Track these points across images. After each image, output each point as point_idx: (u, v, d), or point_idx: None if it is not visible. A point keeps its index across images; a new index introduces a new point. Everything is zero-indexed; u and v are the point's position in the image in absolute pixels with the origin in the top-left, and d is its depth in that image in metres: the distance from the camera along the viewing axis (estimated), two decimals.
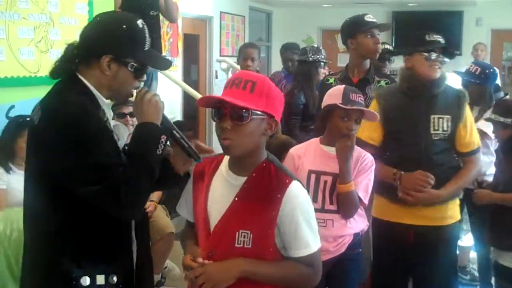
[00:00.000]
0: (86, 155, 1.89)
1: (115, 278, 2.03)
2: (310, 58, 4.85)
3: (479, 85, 4.33)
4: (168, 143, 2.06)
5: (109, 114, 2.13)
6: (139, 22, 2.12)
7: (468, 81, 4.41)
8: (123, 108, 4.11)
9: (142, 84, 2.10)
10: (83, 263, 1.98)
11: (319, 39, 11.52)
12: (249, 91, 1.93)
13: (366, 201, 2.91)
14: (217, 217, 2.03)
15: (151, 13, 5.06)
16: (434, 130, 3.14)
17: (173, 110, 7.53)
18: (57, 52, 4.38)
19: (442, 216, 3.19)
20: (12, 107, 4.03)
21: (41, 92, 4.18)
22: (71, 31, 4.51)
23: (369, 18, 3.76)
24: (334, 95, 2.90)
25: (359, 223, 2.97)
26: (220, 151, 2.04)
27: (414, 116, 3.14)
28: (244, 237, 1.98)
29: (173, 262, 4.67)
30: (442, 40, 3.18)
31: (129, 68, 2.05)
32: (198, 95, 5.74)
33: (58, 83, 2.07)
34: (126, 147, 2.12)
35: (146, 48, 2.11)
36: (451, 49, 3.17)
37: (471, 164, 3.23)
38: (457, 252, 4.10)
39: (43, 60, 4.29)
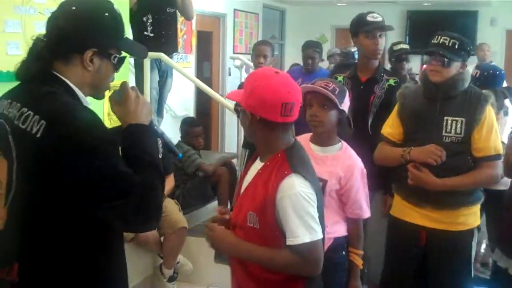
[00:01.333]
0: (114, 166, 1.69)
1: None
2: (355, 61, 4.77)
3: (480, 86, 4.34)
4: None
5: None
6: (116, 6, 1.89)
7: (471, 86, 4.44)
8: None
9: (157, 81, 2.02)
10: (92, 285, 1.82)
11: (333, 37, 11.52)
12: (239, 87, 2.13)
13: (368, 213, 2.89)
14: None
15: (168, 10, 5.07)
16: (446, 132, 3.09)
17: (186, 106, 7.56)
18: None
19: (453, 221, 3.12)
20: None
21: None
22: None
23: (371, 17, 3.66)
24: None
25: (338, 228, 2.86)
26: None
27: (428, 117, 3.12)
28: (252, 217, 2.13)
29: (186, 257, 4.69)
30: (447, 41, 3.11)
31: (112, 60, 1.86)
32: (216, 95, 5.74)
33: (36, 85, 1.79)
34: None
35: (124, 36, 1.93)
36: (450, 50, 3.08)
37: (482, 169, 3.09)
38: (482, 250, 4.07)
39: None
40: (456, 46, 3.10)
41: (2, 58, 3.88)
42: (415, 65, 10.11)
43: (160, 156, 1.86)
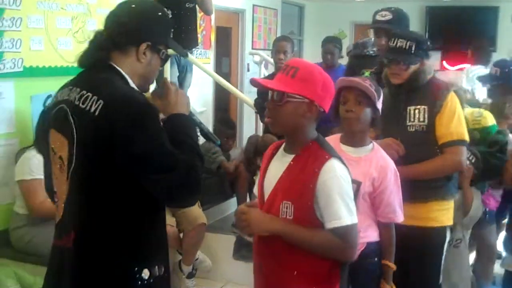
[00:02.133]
0: (164, 143, 1.89)
1: (163, 269, 2.02)
2: (372, 53, 4.74)
3: (503, 84, 4.32)
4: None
5: None
6: (166, 9, 2.17)
7: (494, 85, 4.41)
8: None
9: (177, 76, 2.19)
10: (140, 256, 1.97)
11: (352, 33, 11.45)
12: (291, 76, 2.17)
13: (402, 217, 2.78)
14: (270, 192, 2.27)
15: (187, 5, 5.07)
16: (410, 121, 3.08)
17: (205, 102, 7.56)
18: None
19: (424, 217, 3.04)
20: (50, 96, 4.08)
21: None
22: None
23: (379, 16, 3.66)
24: None
25: (370, 233, 2.78)
26: None
27: (393, 110, 3.08)
28: (286, 208, 2.17)
29: (204, 253, 4.70)
30: (403, 44, 3.08)
31: (161, 56, 2.08)
32: (236, 91, 5.75)
33: (94, 73, 1.99)
34: None
35: (171, 36, 2.16)
36: (408, 54, 3.07)
37: (445, 154, 3.05)
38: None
39: (80, 50, 4.31)
40: (413, 49, 3.09)
41: (25, 54, 3.92)
42: (434, 61, 10.07)
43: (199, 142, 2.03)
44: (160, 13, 2.10)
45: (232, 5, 8.45)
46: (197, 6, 5.25)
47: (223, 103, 8.42)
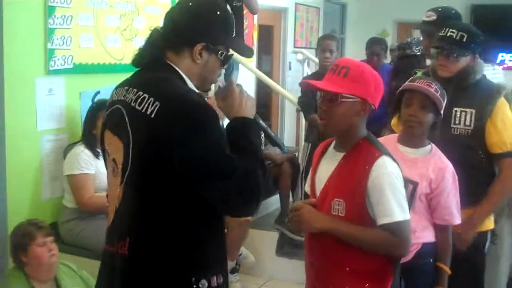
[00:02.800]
0: (221, 147, 1.80)
1: (221, 278, 1.95)
2: (416, 52, 4.69)
3: None
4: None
5: None
6: (228, 7, 2.04)
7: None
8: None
9: (223, 73, 2.13)
10: (198, 265, 1.89)
11: (394, 32, 11.32)
12: (343, 76, 2.17)
13: (459, 219, 2.73)
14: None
15: (235, 4, 5.10)
16: (455, 124, 2.98)
17: None
18: (142, 40, 4.45)
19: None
20: (98, 92, 4.17)
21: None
22: (155, 20, 4.60)
23: (424, 16, 3.56)
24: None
25: (426, 233, 2.74)
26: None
27: None
28: (338, 205, 2.19)
29: (248, 250, 4.72)
30: (454, 34, 2.98)
31: (219, 56, 1.97)
32: (280, 89, 5.77)
33: (151, 72, 1.94)
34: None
35: (233, 35, 2.04)
36: (458, 44, 2.95)
37: (503, 171, 2.97)
38: None
39: (127, 48, 4.40)
40: (464, 40, 2.98)
41: (75, 51, 4.00)
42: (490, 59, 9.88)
43: (262, 148, 1.94)
44: (218, 12, 1.98)
45: (275, 3, 8.45)
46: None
47: (265, 100, 8.44)
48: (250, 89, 7.72)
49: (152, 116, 1.79)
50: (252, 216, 1.84)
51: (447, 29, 3.03)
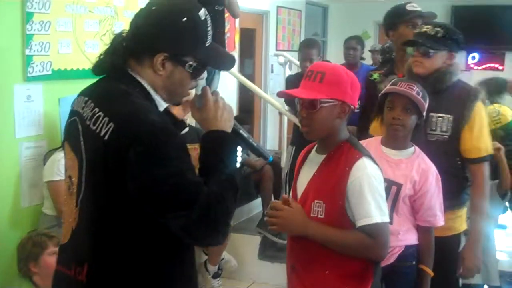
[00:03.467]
0: (182, 174, 1.63)
1: None
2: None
3: None
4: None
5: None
6: (202, 12, 1.78)
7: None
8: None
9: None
10: None
11: (376, 34, 11.38)
12: (319, 82, 2.17)
13: (442, 221, 2.75)
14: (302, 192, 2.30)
15: (216, 8, 5.08)
16: (431, 130, 2.94)
17: (229, 103, 7.56)
18: None
19: (439, 228, 2.83)
20: None
21: None
22: None
23: (411, 6, 3.55)
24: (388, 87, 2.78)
25: (409, 236, 2.76)
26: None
27: None
28: (318, 207, 2.20)
29: (230, 254, 4.72)
30: (429, 30, 2.95)
31: (187, 69, 1.77)
32: (262, 93, 5.79)
33: (111, 83, 1.77)
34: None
35: (207, 44, 1.81)
36: (433, 39, 2.93)
37: (476, 178, 2.98)
38: None
39: None
40: (440, 35, 2.96)
41: (54, 57, 3.97)
42: (460, 61, 9.97)
43: (238, 165, 1.77)
44: (185, 19, 1.73)
45: (257, 7, 8.45)
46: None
47: (247, 104, 8.44)
48: (232, 93, 7.71)
49: (106, 138, 1.63)
50: (220, 244, 1.60)
51: (423, 25, 3.04)
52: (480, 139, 2.96)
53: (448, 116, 2.94)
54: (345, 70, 2.25)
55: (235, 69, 7.70)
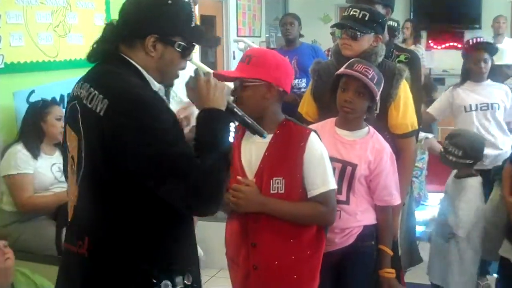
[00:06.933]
0: (176, 145, 1.72)
1: (190, 278, 1.90)
2: None
3: None
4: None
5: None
6: None
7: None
8: None
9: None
10: (161, 265, 1.83)
11: (337, 17, 11.39)
12: (246, 63, 2.35)
13: (399, 199, 2.80)
14: (253, 172, 2.41)
15: None
16: None
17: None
18: (76, 36, 4.40)
19: None
20: (33, 92, 4.05)
21: (60, 76, 4.25)
22: (88, 15, 4.52)
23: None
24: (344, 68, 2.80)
25: (367, 215, 2.78)
26: None
27: None
28: (277, 183, 2.36)
29: (197, 243, 4.70)
30: (356, 13, 3.01)
31: (176, 48, 1.89)
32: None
33: (105, 66, 1.89)
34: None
35: (192, 24, 1.94)
36: (360, 22, 2.99)
37: (404, 152, 3.07)
38: None
39: (61, 45, 4.30)
40: (366, 18, 3.01)
41: (6, 50, 3.89)
42: (422, 42, 10.07)
43: (231, 141, 1.85)
44: (170, 1, 1.87)
45: None
46: None
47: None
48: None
49: (101, 114, 1.74)
50: (213, 214, 1.68)
51: (350, 9, 3.07)
52: (406, 115, 3.05)
53: None
54: (273, 53, 2.46)
55: (196, 56, 7.67)
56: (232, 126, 1.88)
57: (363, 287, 2.82)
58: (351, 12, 3.04)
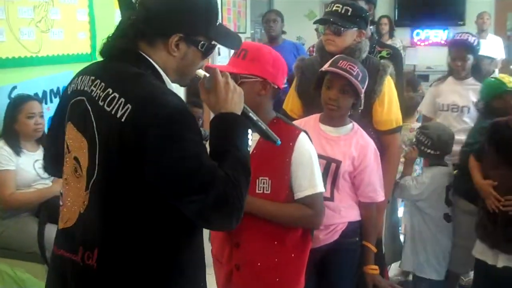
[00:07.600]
0: (200, 157, 1.61)
1: None
2: None
3: None
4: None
5: None
6: None
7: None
8: None
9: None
10: (172, 279, 1.73)
11: (322, 13, 11.39)
12: (242, 58, 2.27)
13: (383, 196, 2.80)
14: None
15: None
16: None
17: (177, 86, 7.50)
18: (58, 32, 4.36)
19: None
20: (14, 87, 4.01)
21: (43, 72, 4.21)
22: (71, 10, 4.48)
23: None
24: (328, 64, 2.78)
25: (351, 212, 2.79)
26: None
27: None
28: (263, 183, 2.30)
29: None
30: (339, 9, 3.01)
31: (199, 48, 1.77)
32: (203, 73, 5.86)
33: (121, 64, 1.73)
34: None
35: (217, 23, 1.83)
36: (343, 17, 2.99)
37: (389, 148, 3.10)
38: None
39: (44, 40, 4.26)
40: (349, 13, 3.01)
41: None
42: (405, 38, 10.10)
43: (249, 149, 1.76)
44: None
45: None
46: None
47: (196, 89, 8.36)
48: None
49: (123, 120, 1.60)
50: (232, 229, 1.68)
51: (333, 4, 3.07)
52: (390, 112, 3.07)
53: None
54: (269, 49, 2.35)
55: None
56: (250, 133, 1.78)
57: (347, 283, 2.83)
58: (334, 8, 3.04)
